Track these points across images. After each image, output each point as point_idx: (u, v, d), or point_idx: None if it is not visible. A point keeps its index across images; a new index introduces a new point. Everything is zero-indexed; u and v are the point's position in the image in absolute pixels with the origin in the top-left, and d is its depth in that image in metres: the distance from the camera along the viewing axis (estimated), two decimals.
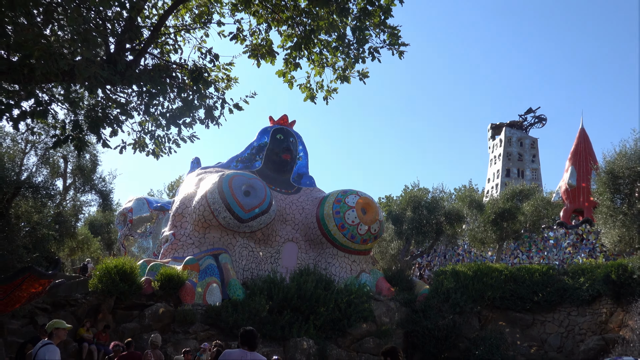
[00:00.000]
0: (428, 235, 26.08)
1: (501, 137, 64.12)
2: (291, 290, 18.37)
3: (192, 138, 9.29)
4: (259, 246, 21.42)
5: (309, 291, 18.51)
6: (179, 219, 20.93)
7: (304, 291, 18.48)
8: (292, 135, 24.87)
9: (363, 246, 22.05)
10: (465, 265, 23.17)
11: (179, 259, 19.44)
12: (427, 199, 27.03)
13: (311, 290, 18.55)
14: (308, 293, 18.45)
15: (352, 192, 22.43)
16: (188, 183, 22.44)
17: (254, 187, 20.36)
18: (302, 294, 18.42)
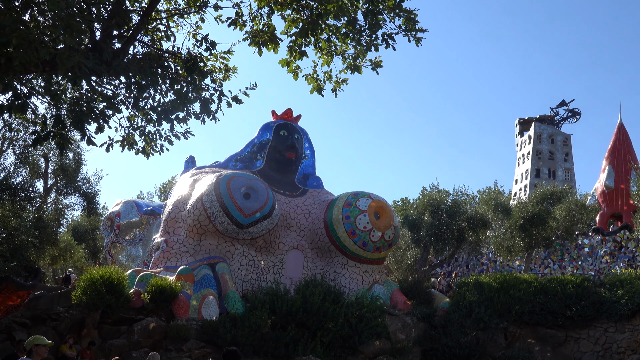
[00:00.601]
0: (448, 242, 26.01)
1: (530, 134, 63.88)
2: (296, 304, 18.36)
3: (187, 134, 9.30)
4: (260, 255, 21.44)
5: (315, 304, 18.50)
6: (172, 225, 20.99)
7: (310, 304, 18.47)
8: (298, 132, 24.89)
9: (376, 255, 22.03)
10: (490, 276, 23.08)
11: (172, 268, 19.49)
12: (447, 202, 26.96)
13: (318, 304, 18.54)
14: (315, 307, 18.44)
15: (363, 194, 22.43)
16: (182, 184, 22.50)
17: (254, 189, 20.39)
18: (308, 308, 18.41)
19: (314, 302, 18.56)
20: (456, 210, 26.20)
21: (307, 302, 18.62)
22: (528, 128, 65.87)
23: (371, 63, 10.00)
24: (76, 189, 30.81)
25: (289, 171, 24.32)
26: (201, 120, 9.33)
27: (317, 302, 18.57)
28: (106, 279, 17.01)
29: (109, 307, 16.81)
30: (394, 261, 29.11)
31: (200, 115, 9.32)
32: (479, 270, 31.58)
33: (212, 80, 9.55)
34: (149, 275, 18.64)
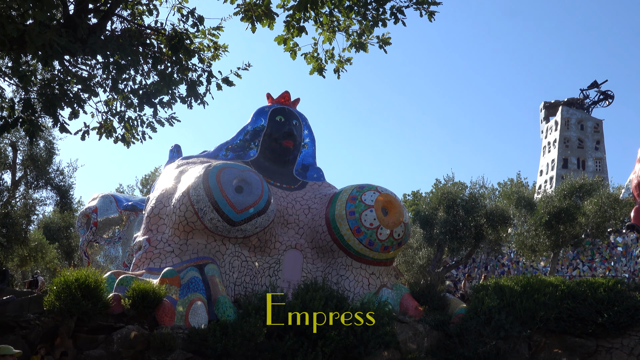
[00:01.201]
0: (465, 241, 26.04)
1: (557, 119, 63.82)
2: (294, 310, 18.39)
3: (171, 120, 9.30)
4: (254, 255, 21.48)
5: (316, 311, 18.53)
6: (155, 222, 21.01)
7: (310, 311, 18.49)
8: (296, 117, 24.88)
9: (384, 255, 22.07)
10: (512, 279, 23.12)
11: (155, 270, 19.52)
12: (464, 196, 26.96)
13: (319, 310, 18.56)
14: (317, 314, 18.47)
15: (370, 187, 22.44)
16: (166, 177, 22.52)
17: (247, 182, 20.40)
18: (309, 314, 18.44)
19: (315, 308, 18.57)
20: (474, 205, 26.21)
21: (307, 308, 18.63)
22: (554, 113, 65.82)
23: (378, 40, 10.00)
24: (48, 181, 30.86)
25: (286, 161, 24.33)
26: (188, 105, 9.33)
27: (318, 308, 18.58)
28: (82, 282, 17.01)
29: (85, 313, 16.83)
30: (404, 262, 29.15)
31: (186, 99, 9.33)
32: (499, 272, 31.65)
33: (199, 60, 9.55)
34: (129, 278, 18.66)
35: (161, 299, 17.84)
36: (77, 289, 16.89)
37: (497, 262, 32.15)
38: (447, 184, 29.03)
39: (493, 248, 28.21)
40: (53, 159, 31.07)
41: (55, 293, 17.01)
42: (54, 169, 31.35)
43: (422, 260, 28.26)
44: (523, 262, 30.95)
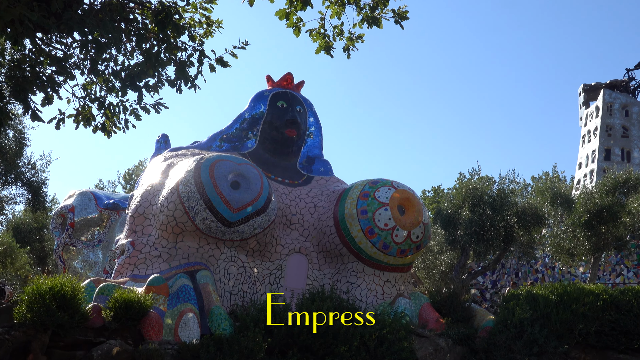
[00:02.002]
0: (493, 244, 26.01)
1: (598, 104, 63.62)
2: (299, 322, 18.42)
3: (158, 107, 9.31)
4: (252, 260, 21.50)
5: (324, 323, 18.56)
6: (140, 222, 21.05)
7: (317, 322, 18.52)
8: (300, 103, 24.88)
9: (401, 260, 22.05)
10: (547, 287, 23.08)
11: (140, 278, 19.57)
12: (491, 192, 26.93)
13: (327, 322, 18.59)
14: (323, 326, 18.50)
15: (384, 182, 22.41)
16: (152, 171, 22.55)
17: (245, 176, 20.41)
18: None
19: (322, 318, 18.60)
20: (503, 202, 26.16)
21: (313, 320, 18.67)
22: (595, 97, 65.63)
23: (393, 14, 9.96)
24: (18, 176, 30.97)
25: (288, 153, 24.34)
26: (177, 89, 9.34)
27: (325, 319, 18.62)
28: (57, 291, 17.05)
29: (60, 327, 16.87)
30: (423, 268, 29.13)
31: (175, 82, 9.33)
32: (532, 279, 31.61)
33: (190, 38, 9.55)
34: (111, 287, 18.71)
35: (147, 310, 17.87)
36: (52, 298, 16.92)
37: (529, 268, 32.11)
38: (473, 179, 29.00)
39: (525, 252, 28.14)
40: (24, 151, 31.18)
41: (26, 304, 17.04)
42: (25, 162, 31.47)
43: (444, 265, 28.23)
44: (559, 267, 30.90)
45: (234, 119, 24.45)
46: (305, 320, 18.25)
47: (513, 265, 32.35)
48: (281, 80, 25.09)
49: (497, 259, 27.32)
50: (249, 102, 24.61)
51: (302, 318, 18.27)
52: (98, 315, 17.70)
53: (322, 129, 25.55)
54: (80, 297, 17.52)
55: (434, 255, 29.12)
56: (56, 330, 16.96)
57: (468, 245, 26.21)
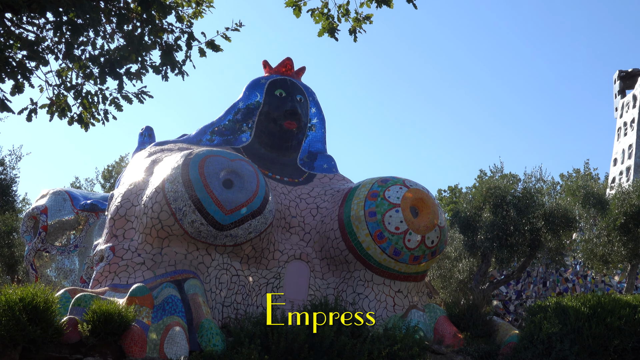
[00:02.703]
0: (518, 249, 25.98)
1: (635, 93, 63.51)
2: (299, 338, 18.43)
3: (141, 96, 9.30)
4: (247, 267, 21.51)
5: (327, 339, 18.58)
6: (121, 225, 21.06)
7: (319, 339, 18.53)
8: (300, 91, 24.87)
9: (414, 267, 22.03)
10: (578, 298, 23.05)
11: (122, 287, 19.58)
12: (516, 191, 26.89)
13: (331, 338, 18.60)
14: (326, 342, 18.50)
15: (395, 181, 22.39)
16: (135, 168, 22.55)
17: (239, 174, 20.40)
18: (317, 344, 18.48)
19: (325, 335, 18.61)
20: (529, 203, 26.12)
21: (316, 335, 18.68)
22: (632, 85, 65.39)
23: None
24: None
25: (288, 148, 24.35)
26: (162, 76, 9.33)
27: (329, 336, 18.62)
28: (28, 302, 17.06)
29: (32, 342, 16.89)
30: (439, 277, 29.11)
31: (161, 69, 9.33)
32: (561, 289, 31.58)
33: (177, 18, 9.55)
34: (89, 298, 18.72)
35: (129, 323, 17.88)
36: (22, 310, 16.93)
37: (558, 277, 32.07)
38: (495, 177, 29.00)
39: (553, 259, 28.09)
40: None
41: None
42: None
43: (463, 274, 28.21)
44: (592, 276, 30.85)
45: (227, 110, 24.45)
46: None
47: (540, 274, 32.30)
48: (279, 66, 25.07)
49: (522, 266, 27.26)
50: (244, 90, 24.61)
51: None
52: (74, 329, 17.70)
53: (325, 121, 25.54)
54: (54, 309, 17.51)
55: (451, 263, 29.08)
56: (27, 346, 16.96)
57: (489, 251, 26.16)
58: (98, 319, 17.58)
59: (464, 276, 28.09)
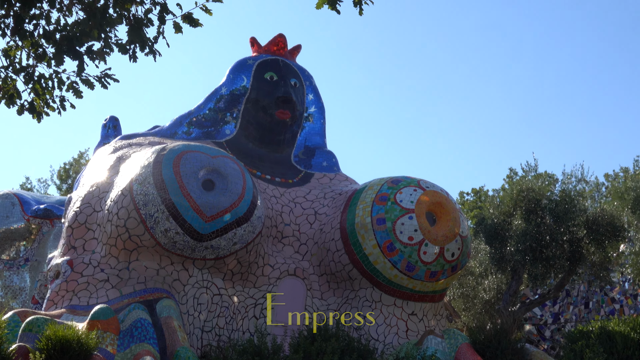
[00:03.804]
0: (555, 264, 26.01)
1: None
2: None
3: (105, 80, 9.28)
4: (232, 286, 21.48)
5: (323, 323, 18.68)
6: (81, 235, 21.03)
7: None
8: (295, 75, 24.86)
9: (430, 285, 22.01)
10: (627, 322, 23.10)
11: (81, 309, 19.56)
12: (552, 194, 26.91)
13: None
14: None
15: (409, 181, 22.34)
16: (97, 166, 22.55)
17: (221, 174, 20.38)
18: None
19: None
20: (568, 208, 26.14)
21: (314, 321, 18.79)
22: None
23: None
24: None
25: (280, 142, 24.36)
26: (130, 56, 9.31)
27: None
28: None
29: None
30: (460, 296, 29.13)
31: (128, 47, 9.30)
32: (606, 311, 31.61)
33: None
34: (42, 321, 18.71)
35: (90, 352, 17.87)
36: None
37: (603, 297, 32.13)
38: (527, 177, 28.94)
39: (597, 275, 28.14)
40: None
41: None
42: None
43: (489, 293, 28.24)
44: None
45: (207, 97, 24.42)
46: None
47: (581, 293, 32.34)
48: (270, 44, 25.03)
49: (560, 284, 27.29)
50: (227, 73, 24.59)
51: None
52: (25, 358, 17.71)
53: (325, 110, 25.52)
54: (1, 336, 17.53)
55: (475, 280, 29.11)
56: None
57: (521, 266, 26.18)
58: (53, 347, 17.55)
59: (490, 296, 28.11)
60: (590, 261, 26.84)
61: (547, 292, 27.82)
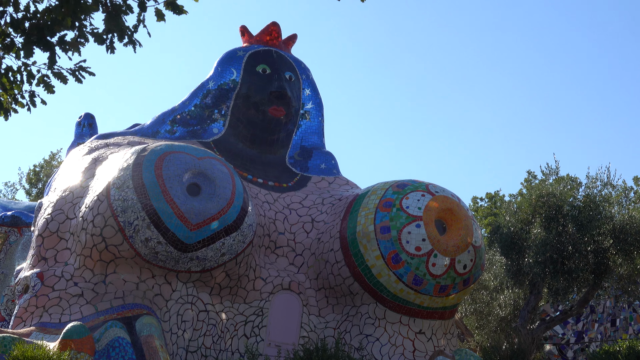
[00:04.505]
0: (578, 277, 26.04)
1: None
2: None
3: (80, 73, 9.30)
4: (219, 301, 21.50)
5: None
6: (52, 244, 21.04)
7: None
8: (290, 67, 24.89)
9: (440, 301, 22.04)
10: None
11: (53, 327, 19.58)
12: (575, 200, 26.94)
13: None
14: None
15: (416, 185, 22.34)
16: (71, 169, 22.55)
17: (208, 177, 20.40)
18: None
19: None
20: (593, 215, 26.16)
21: None
22: None
23: None
24: None
25: (273, 142, 24.39)
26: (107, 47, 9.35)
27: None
28: None
29: None
30: (473, 313, 29.16)
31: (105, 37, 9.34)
32: (635, 329, 31.65)
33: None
34: (9, 341, 18.73)
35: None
36: None
37: (631, 313, 32.16)
38: (547, 181, 28.94)
39: (625, 289, 28.19)
40: None
41: None
42: None
43: (505, 309, 28.27)
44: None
45: (193, 92, 24.43)
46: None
47: (607, 309, 32.37)
48: (263, 33, 25.07)
49: (584, 299, 27.31)
50: (215, 66, 24.62)
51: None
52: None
53: (323, 107, 25.54)
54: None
55: (490, 294, 29.15)
56: None
57: (540, 280, 26.20)
58: None
59: (506, 312, 28.15)
60: (617, 274, 26.88)
61: (569, 308, 27.85)
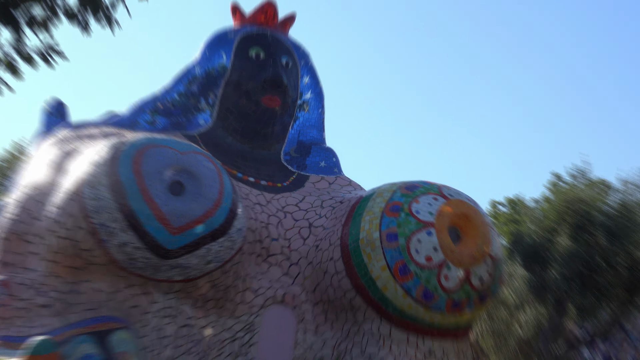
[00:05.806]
0: (608, 293, 26.09)
1: None
2: None
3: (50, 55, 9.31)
4: (204, 315, 21.52)
5: None
6: (17, 248, 21.07)
7: None
8: (288, 52, 24.91)
9: (453, 318, 22.06)
10: None
11: (16, 341, 19.61)
12: (607, 207, 26.99)
13: None
14: None
15: (428, 188, 22.34)
16: (38, 163, 22.56)
17: (193, 174, 20.40)
18: None
19: None
20: (627, 224, 26.21)
21: None
22: None
23: None
24: None
25: (267, 136, 24.44)
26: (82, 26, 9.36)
27: None
28: None
29: None
30: (490, 332, 29.23)
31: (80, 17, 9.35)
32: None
33: None
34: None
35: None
36: None
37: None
38: (575, 185, 29.01)
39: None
40: None
41: None
42: None
43: (526, 329, 28.35)
44: None
45: (176, 78, 24.41)
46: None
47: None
48: (257, 13, 25.05)
49: (615, 318, 27.38)
50: (202, 49, 24.60)
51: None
52: None
53: (324, 97, 25.54)
54: None
55: (510, 312, 29.23)
56: None
57: (566, 296, 26.27)
58: None
59: (527, 332, 28.22)
60: None
61: (598, 327, 27.90)
